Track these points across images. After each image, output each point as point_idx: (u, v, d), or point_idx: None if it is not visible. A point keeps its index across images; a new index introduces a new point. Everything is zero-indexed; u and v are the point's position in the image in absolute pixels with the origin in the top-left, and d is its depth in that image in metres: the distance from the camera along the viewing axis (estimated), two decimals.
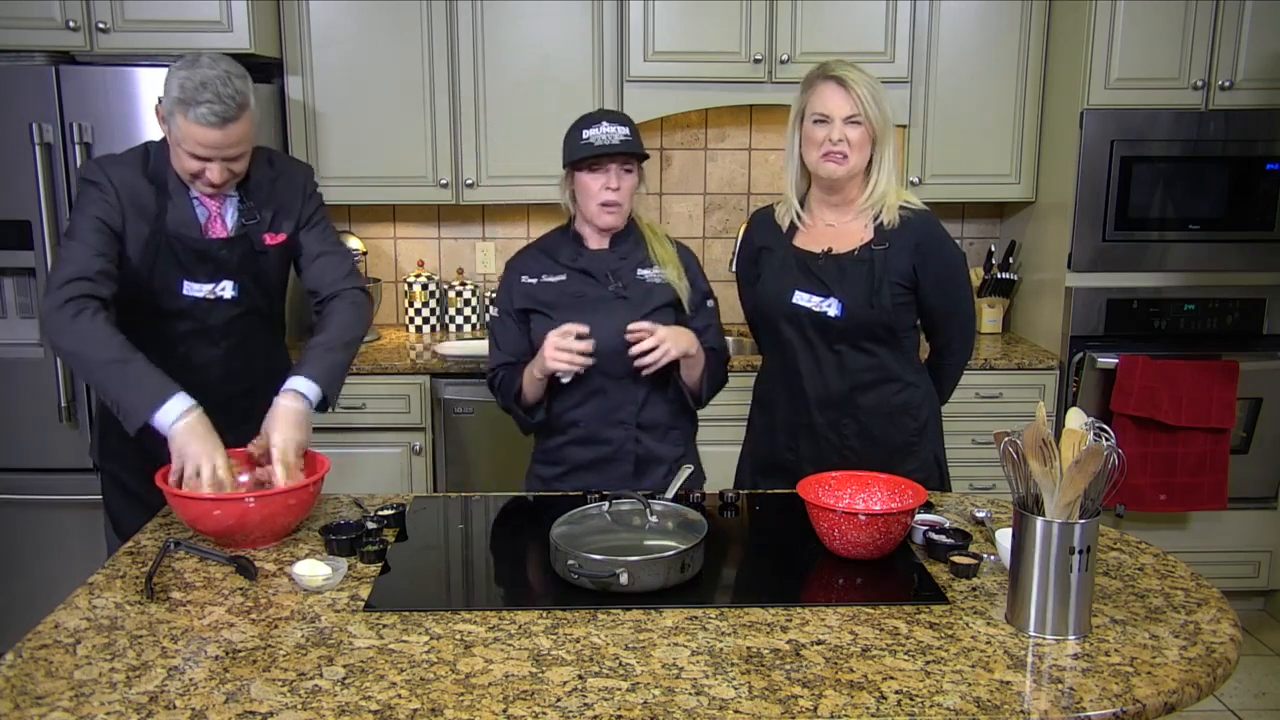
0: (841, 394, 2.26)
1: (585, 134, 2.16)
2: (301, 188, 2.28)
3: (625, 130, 2.17)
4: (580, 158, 2.15)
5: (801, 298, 2.24)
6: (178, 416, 1.91)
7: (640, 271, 2.26)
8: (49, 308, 1.98)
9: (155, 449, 1.97)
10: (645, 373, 2.16)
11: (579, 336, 2.12)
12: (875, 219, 2.23)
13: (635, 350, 2.13)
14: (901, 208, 2.22)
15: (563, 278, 2.25)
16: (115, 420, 2.17)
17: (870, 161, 2.21)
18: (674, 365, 2.20)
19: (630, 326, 2.14)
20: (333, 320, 2.18)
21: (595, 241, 2.28)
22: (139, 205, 2.11)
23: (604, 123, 2.17)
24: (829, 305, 2.21)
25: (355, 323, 2.21)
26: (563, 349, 2.11)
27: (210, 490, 1.86)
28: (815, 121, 2.19)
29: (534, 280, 2.27)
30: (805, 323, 2.25)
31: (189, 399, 1.93)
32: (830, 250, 2.24)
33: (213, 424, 1.95)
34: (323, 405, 2.08)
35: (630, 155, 2.17)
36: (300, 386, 2.02)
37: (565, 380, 2.17)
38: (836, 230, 2.26)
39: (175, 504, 1.88)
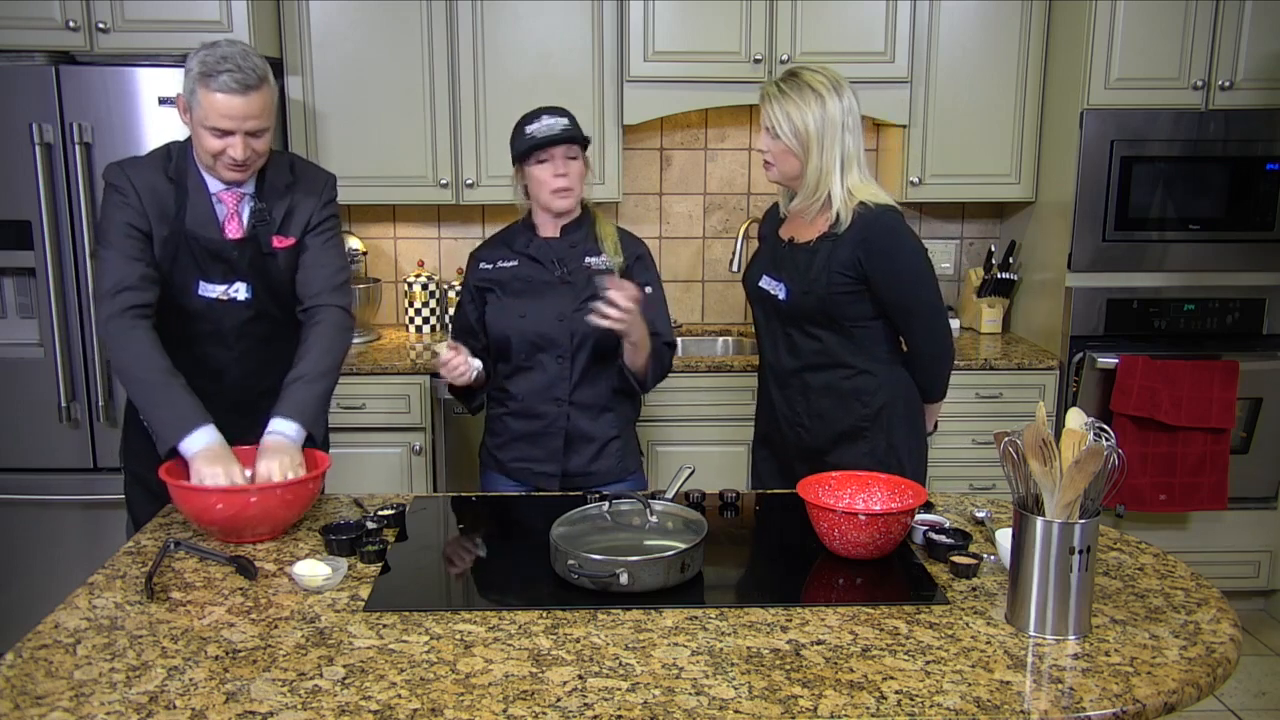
0: (792, 372, 2.39)
1: (528, 129, 2.31)
2: (319, 194, 2.26)
3: (565, 120, 2.32)
4: (526, 149, 2.30)
5: (764, 281, 2.40)
6: (201, 447, 1.95)
7: (588, 259, 2.39)
8: (102, 318, 2.06)
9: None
10: (601, 321, 2.16)
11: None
12: (836, 213, 2.29)
13: (605, 306, 2.14)
14: (861, 204, 2.26)
15: (515, 263, 2.41)
16: (138, 421, 2.21)
17: (806, 168, 2.27)
18: (618, 347, 2.31)
19: (611, 290, 2.15)
20: (311, 348, 2.16)
21: (548, 230, 2.41)
22: (159, 206, 2.13)
23: (544, 116, 2.32)
24: (779, 289, 2.35)
25: (334, 348, 2.19)
26: (451, 369, 2.26)
27: None
28: None
29: (490, 266, 2.44)
30: (767, 305, 2.40)
31: (215, 432, 1.98)
32: (793, 239, 2.36)
33: (232, 424, 2.02)
34: (308, 439, 2.09)
35: (572, 142, 2.30)
36: (282, 428, 2.03)
37: (471, 377, 2.31)
38: (805, 222, 2.36)
39: (178, 496, 1.89)
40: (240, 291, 2.21)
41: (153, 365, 2.02)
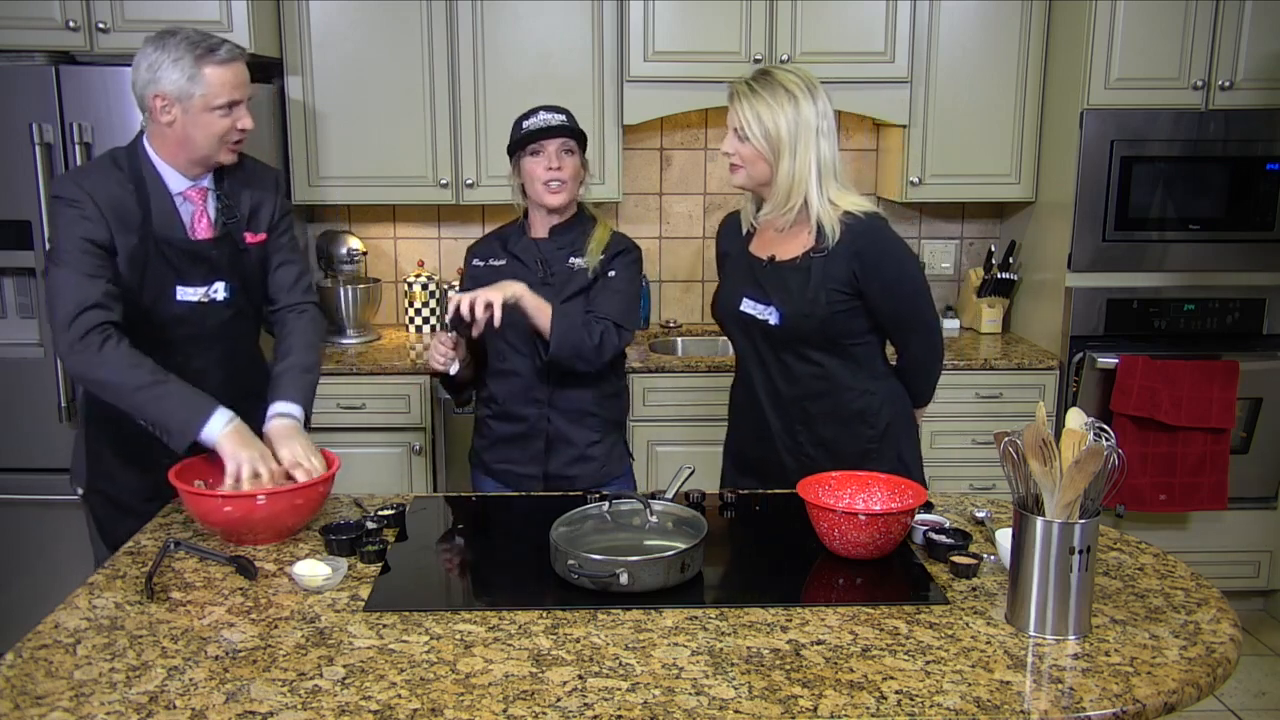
0: (792, 401, 2.24)
1: (525, 124, 2.33)
2: (273, 188, 2.27)
3: (562, 116, 2.34)
4: (520, 140, 2.31)
5: (748, 305, 2.23)
6: (222, 427, 1.95)
7: (572, 259, 2.37)
8: (65, 344, 1.96)
9: (153, 461, 2.02)
10: (476, 329, 2.17)
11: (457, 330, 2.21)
12: (818, 226, 2.15)
13: (459, 314, 2.16)
14: (846, 214, 2.13)
15: (503, 263, 2.42)
16: (108, 440, 2.19)
17: (777, 174, 2.13)
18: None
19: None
20: (298, 340, 2.19)
21: (539, 230, 2.41)
22: (121, 215, 2.04)
23: (541, 112, 2.34)
24: (769, 314, 2.19)
25: (318, 342, 2.25)
26: (437, 347, 2.27)
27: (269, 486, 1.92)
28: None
29: (482, 264, 2.45)
30: (754, 330, 2.24)
31: (228, 410, 1.98)
32: (774, 257, 2.21)
33: None
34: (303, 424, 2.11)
35: (568, 134, 2.31)
36: (287, 409, 2.04)
37: (452, 371, 2.29)
38: (783, 237, 2.21)
39: (191, 502, 1.89)
40: (220, 291, 2.17)
41: (139, 371, 1.96)
